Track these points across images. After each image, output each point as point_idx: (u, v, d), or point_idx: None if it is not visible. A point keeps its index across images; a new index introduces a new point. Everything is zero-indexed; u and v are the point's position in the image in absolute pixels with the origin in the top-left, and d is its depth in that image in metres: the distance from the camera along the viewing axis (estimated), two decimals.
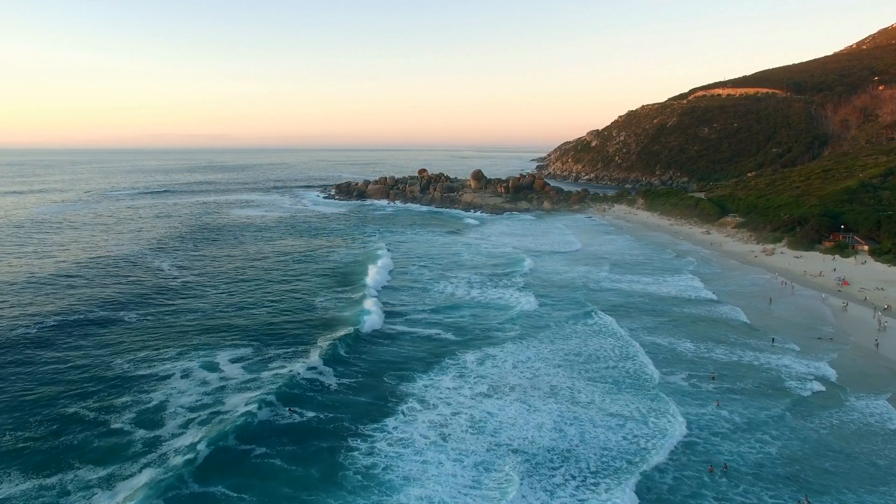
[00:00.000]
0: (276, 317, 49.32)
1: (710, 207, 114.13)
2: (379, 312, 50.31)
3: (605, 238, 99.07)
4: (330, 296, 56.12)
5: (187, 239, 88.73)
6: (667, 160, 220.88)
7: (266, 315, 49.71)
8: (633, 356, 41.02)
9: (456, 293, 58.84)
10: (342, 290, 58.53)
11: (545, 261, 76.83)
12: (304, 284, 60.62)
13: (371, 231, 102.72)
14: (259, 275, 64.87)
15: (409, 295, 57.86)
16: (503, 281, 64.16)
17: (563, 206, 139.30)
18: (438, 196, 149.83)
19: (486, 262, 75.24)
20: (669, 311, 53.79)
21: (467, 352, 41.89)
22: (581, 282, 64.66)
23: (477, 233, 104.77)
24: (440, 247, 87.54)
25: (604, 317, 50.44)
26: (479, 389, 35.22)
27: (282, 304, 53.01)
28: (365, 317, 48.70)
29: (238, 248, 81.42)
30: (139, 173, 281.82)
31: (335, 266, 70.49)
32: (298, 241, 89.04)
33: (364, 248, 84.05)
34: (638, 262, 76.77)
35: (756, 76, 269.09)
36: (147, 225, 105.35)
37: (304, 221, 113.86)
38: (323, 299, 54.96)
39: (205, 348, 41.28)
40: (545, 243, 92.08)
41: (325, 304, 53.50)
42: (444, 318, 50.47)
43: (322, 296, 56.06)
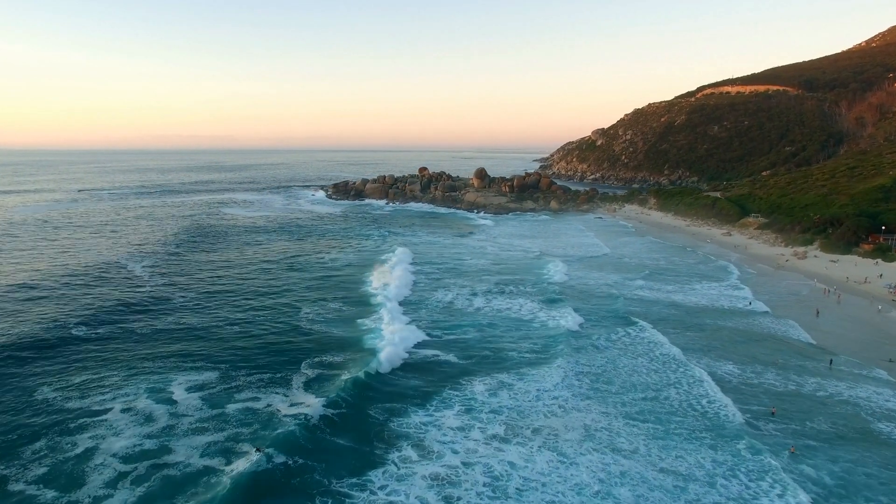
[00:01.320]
0: (251, 335, 42.11)
1: (729, 207, 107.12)
2: (380, 331, 43.19)
3: (624, 240, 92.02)
4: (316, 309, 48.72)
5: (166, 242, 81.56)
6: (675, 159, 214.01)
7: (239, 333, 42.35)
8: (693, 384, 34.02)
9: (473, 305, 51.06)
10: (330, 303, 51.38)
11: (574, 267, 68.56)
12: (287, 296, 53.05)
13: (368, 233, 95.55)
14: (238, 284, 57.43)
15: (417, 310, 49.85)
16: (531, 291, 56.14)
17: (570, 206, 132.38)
18: (440, 195, 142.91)
19: (504, 269, 67.21)
20: (710, 325, 46.80)
21: (476, 379, 34.85)
22: (617, 291, 56.89)
23: (486, 234, 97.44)
24: (448, 250, 79.66)
25: (651, 332, 43.31)
26: (492, 431, 28.23)
27: (259, 320, 45.72)
28: (374, 340, 41.62)
29: (220, 253, 74.04)
30: (134, 173, 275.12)
31: (324, 274, 63.12)
32: (287, 245, 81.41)
33: (360, 253, 76.91)
34: (669, 268, 69.57)
35: (766, 73, 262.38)
36: (128, 226, 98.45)
37: (294, 222, 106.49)
38: (308, 313, 47.63)
39: (159, 373, 34.28)
40: (568, 247, 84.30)
41: (309, 319, 46.08)
42: (460, 336, 43.16)
43: (307, 309, 48.72)
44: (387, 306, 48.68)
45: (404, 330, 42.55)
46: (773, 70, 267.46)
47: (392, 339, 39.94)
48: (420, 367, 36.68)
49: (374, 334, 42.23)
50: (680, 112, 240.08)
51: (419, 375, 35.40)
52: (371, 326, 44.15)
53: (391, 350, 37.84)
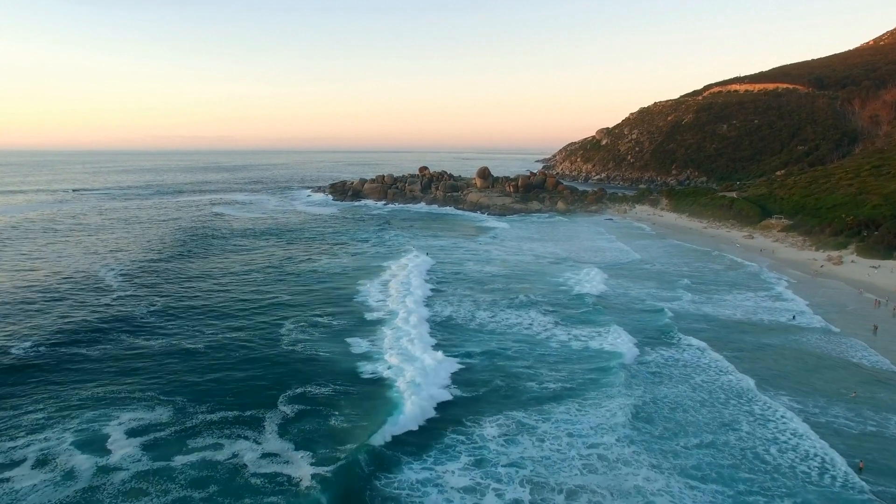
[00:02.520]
0: (219, 359, 35.63)
1: (749, 208, 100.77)
2: (381, 358, 36.79)
3: (642, 243, 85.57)
4: (301, 327, 42.21)
5: (146, 247, 75.16)
6: (683, 159, 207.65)
7: (206, 357, 35.86)
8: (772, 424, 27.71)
9: (487, 321, 44.53)
10: (318, 318, 44.92)
11: (607, 275, 61.12)
12: (268, 310, 46.25)
13: (364, 236, 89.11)
14: (213, 296, 50.66)
15: (424, 330, 43.35)
16: (558, 303, 49.27)
17: (578, 207, 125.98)
18: (441, 196, 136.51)
19: (523, 277, 60.27)
20: (751, 343, 40.44)
21: (487, 419, 28.45)
22: (660, 305, 49.72)
23: (494, 236, 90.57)
24: (454, 255, 72.80)
25: (712, 355, 37.00)
26: (511, 494, 21.81)
27: (232, 340, 39.19)
28: (368, 365, 35.25)
29: (200, 260, 67.12)
30: (130, 173, 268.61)
31: (313, 283, 56.38)
32: (274, 250, 74.63)
33: (354, 259, 70.49)
34: (695, 275, 62.97)
35: (774, 71, 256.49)
36: (110, 229, 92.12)
37: (285, 225, 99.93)
38: (291, 331, 41.11)
39: (98, 409, 27.96)
40: (590, 251, 77.46)
41: (292, 339, 39.55)
42: (467, 360, 36.73)
43: (290, 326, 42.20)
44: (388, 323, 42.35)
45: (421, 359, 35.51)
46: (781, 68, 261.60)
47: (413, 384, 31.45)
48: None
49: (372, 360, 35.76)
50: (687, 111, 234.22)
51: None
52: (366, 349, 37.65)
53: (413, 406, 28.92)
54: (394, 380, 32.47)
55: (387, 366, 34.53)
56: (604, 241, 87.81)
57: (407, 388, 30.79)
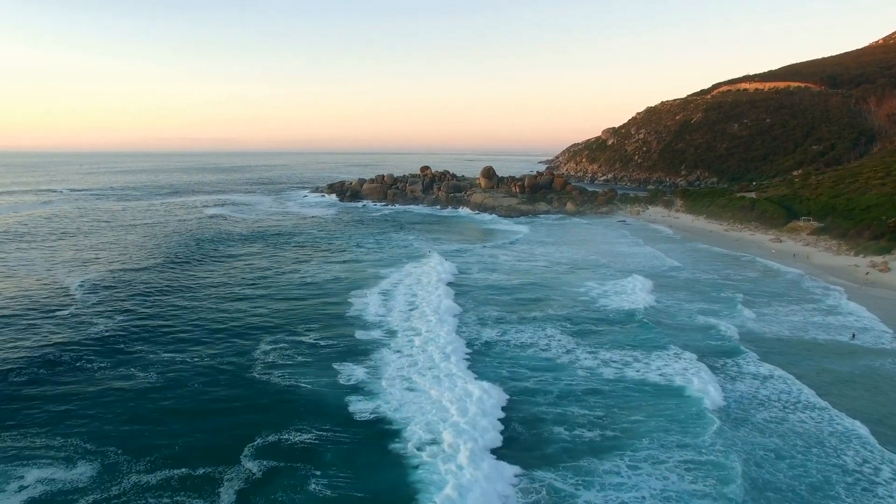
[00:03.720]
0: (170, 394, 29.12)
1: (773, 210, 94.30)
2: (381, 394, 30.40)
3: (666, 247, 79.02)
4: (280, 349, 35.81)
5: (123, 252, 68.99)
6: (693, 159, 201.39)
7: (157, 395, 29.14)
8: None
9: (513, 345, 37.75)
10: (302, 337, 38.46)
11: (654, 288, 52.65)
12: (243, 328, 39.55)
13: (361, 240, 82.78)
14: (181, 311, 43.86)
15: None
16: (612, 324, 41.31)
17: (588, 208, 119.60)
18: (444, 196, 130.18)
19: (547, 288, 52.57)
20: (812, 368, 34.00)
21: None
22: (714, 322, 42.43)
23: (504, 240, 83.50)
24: (462, 261, 65.67)
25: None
26: None
27: (191, 367, 32.56)
28: (362, 403, 28.89)
29: (177, 268, 60.37)
30: (126, 174, 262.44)
31: (301, 295, 49.90)
32: (259, 255, 68.04)
33: (348, 266, 64.15)
34: (729, 283, 56.46)
35: (785, 70, 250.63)
36: (90, 232, 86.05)
37: (276, 227, 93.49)
38: (268, 354, 34.66)
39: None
40: (622, 256, 70.19)
41: (267, 364, 33.02)
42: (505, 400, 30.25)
43: (267, 347, 35.72)
44: (389, 344, 35.93)
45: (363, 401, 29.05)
46: (792, 66, 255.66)
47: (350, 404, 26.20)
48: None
49: (369, 395, 29.33)
50: (696, 110, 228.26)
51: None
52: (360, 379, 31.16)
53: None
54: (400, 423, 25.94)
55: (390, 403, 28.05)
56: (627, 244, 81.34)
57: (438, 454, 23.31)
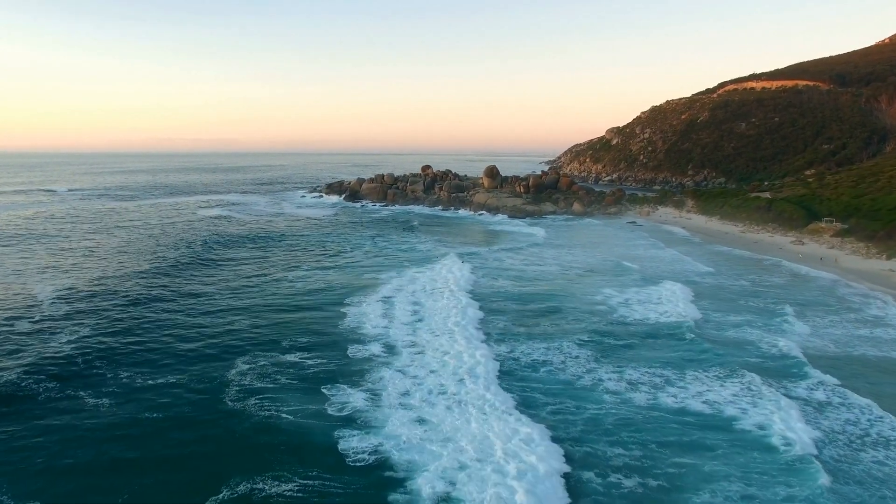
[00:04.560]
0: (120, 435, 24.18)
1: (791, 210, 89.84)
2: (384, 429, 25.63)
3: (684, 249, 74.72)
4: (259, 367, 31.08)
5: (102, 257, 64.53)
6: (699, 159, 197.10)
7: (102, 431, 24.18)
8: None
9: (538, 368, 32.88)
10: (286, 354, 33.81)
11: (692, 297, 47.60)
12: (219, 342, 34.67)
13: (358, 241, 78.34)
14: (153, 328, 38.32)
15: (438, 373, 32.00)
16: (655, 338, 36.30)
17: (595, 209, 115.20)
18: (445, 196, 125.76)
19: (576, 296, 47.56)
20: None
21: None
22: (774, 339, 36.95)
23: (515, 243, 78.31)
24: (473, 265, 60.78)
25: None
26: None
27: (150, 392, 27.82)
28: (356, 441, 24.31)
29: (157, 274, 55.05)
30: (121, 174, 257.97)
31: (287, 303, 45.18)
32: (246, 259, 63.06)
33: (344, 271, 59.66)
34: (758, 290, 51.90)
35: (792, 68, 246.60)
36: (70, 235, 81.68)
37: (268, 228, 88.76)
38: (244, 374, 29.99)
39: None
40: (651, 261, 65.11)
41: (242, 387, 28.24)
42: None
43: (244, 366, 31.12)
44: (390, 362, 31.40)
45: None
46: (799, 65, 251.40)
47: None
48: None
49: (366, 429, 24.68)
50: (702, 109, 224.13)
51: None
52: (356, 408, 26.49)
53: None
54: (406, 469, 21.30)
55: (393, 440, 23.39)
56: (644, 246, 76.96)
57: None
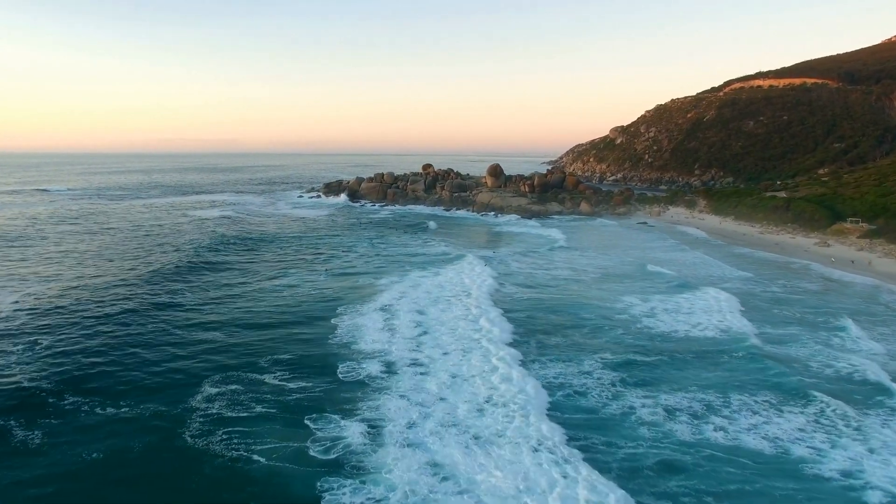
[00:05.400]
0: (45, 477, 19.80)
1: (812, 210, 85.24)
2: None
3: (707, 251, 70.23)
4: (231, 391, 26.13)
5: (76, 261, 59.96)
6: (706, 158, 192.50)
7: (29, 476, 20.03)
8: None
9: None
10: (266, 375, 29.02)
11: (746, 310, 42.41)
12: (184, 365, 29.53)
13: (354, 243, 73.75)
14: (115, 345, 33.23)
15: (451, 406, 26.40)
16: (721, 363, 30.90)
17: (604, 209, 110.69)
18: (447, 196, 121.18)
19: (613, 312, 42.23)
20: None
21: None
22: (849, 359, 31.99)
23: (526, 245, 73.37)
24: (476, 275, 56.25)
25: None
26: None
27: (97, 431, 22.99)
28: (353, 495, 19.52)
29: (132, 283, 49.81)
30: (117, 174, 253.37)
31: (272, 313, 40.35)
32: (232, 265, 57.61)
33: (337, 278, 55.04)
34: (795, 298, 47.40)
35: (800, 66, 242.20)
36: (49, 238, 77.16)
37: (259, 229, 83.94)
38: (213, 399, 25.06)
39: None
40: (671, 264, 60.48)
41: (209, 416, 23.31)
42: None
43: (213, 388, 26.15)
44: (391, 386, 26.72)
45: None
46: (807, 62, 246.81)
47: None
48: None
49: (361, 476, 19.84)
50: (709, 107, 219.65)
51: None
52: (346, 447, 21.66)
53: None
54: None
55: (397, 494, 18.59)
56: (663, 248, 72.62)
57: None
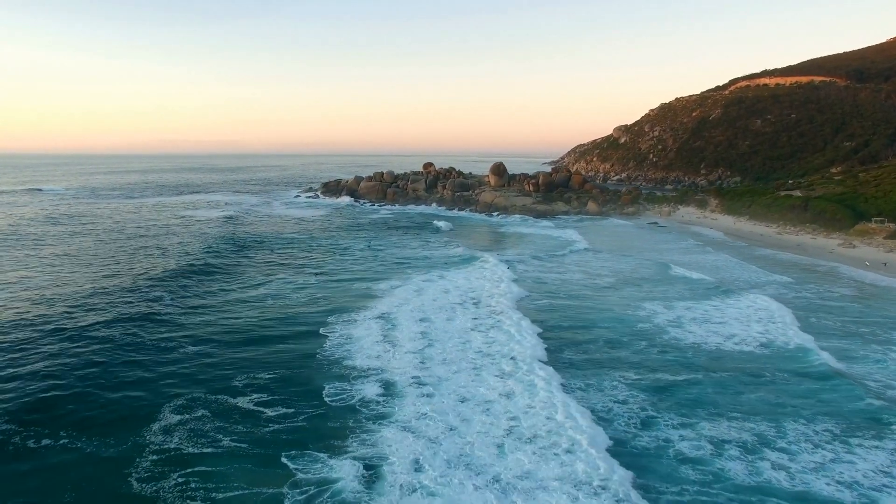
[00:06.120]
0: None
1: (834, 210, 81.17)
2: None
3: (732, 252, 66.08)
4: (195, 423, 21.37)
5: (51, 263, 55.93)
6: (713, 157, 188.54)
7: None
8: None
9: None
10: (238, 399, 24.17)
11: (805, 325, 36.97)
12: (141, 398, 24.32)
13: (349, 245, 69.63)
14: (66, 367, 28.35)
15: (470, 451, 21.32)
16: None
17: (611, 209, 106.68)
18: (449, 195, 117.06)
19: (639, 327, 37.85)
20: None
21: None
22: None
23: (535, 248, 68.89)
24: (482, 280, 51.15)
25: None
26: None
27: (37, 463, 19.32)
28: None
29: (108, 290, 45.92)
30: (115, 174, 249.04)
31: (252, 327, 35.74)
32: (213, 270, 51.58)
33: (330, 285, 50.94)
34: (834, 305, 43.14)
35: (807, 64, 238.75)
36: (24, 236, 73.29)
37: (248, 232, 78.66)
38: (172, 431, 19.99)
39: None
40: (699, 268, 55.63)
41: (155, 467, 18.63)
42: None
43: (174, 416, 21.25)
44: (394, 412, 22.57)
45: None
46: (814, 60, 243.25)
47: None
48: None
49: None
50: (714, 105, 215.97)
51: None
52: (335, 494, 17.51)
53: None
54: None
55: None
56: (680, 250, 68.43)
57: None
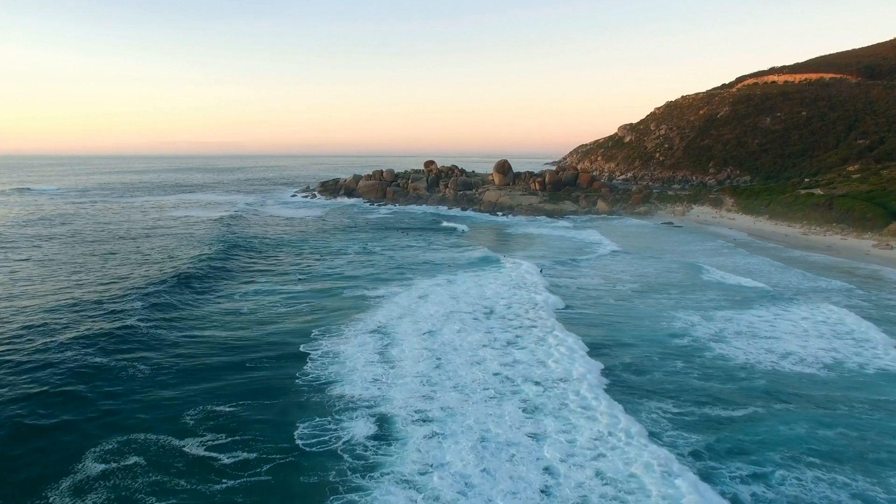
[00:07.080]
0: None
1: (863, 209, 76.03)
2: None
3: (770, 256, 61.10)
4: (116, 480, 16.34)
5: (18, 267, 51.18)
6: (721, 155, 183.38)
7: None
8: None
9: None
10: (178, 463, 17.51)
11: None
12: (66, 442, 19.40)
13: (344, 247, 64.53)
14: (22, 373, 25.16)
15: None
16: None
17: (621, 208, 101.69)
18: (451, 194, 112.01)
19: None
20: None
21: None
22: None
23: (548, 249, 64.19)
24: (482, 286, 46.90)
25: None
26: None
27: None
28: None
29: (73, 301, 41.31)
30: (112, 174, 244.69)
31: (221, 344, 30.52)
32: (189, 278, 45.58)
33: (322, 294, 45.80)
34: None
35: (816, 61, 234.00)
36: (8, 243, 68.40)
37: (237, 233, 73.22)
38: (87, 498, 16.00)
39: None
40: (752, 275, 50.82)
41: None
42: None
43: (98, 470, 16.02)
44: (395, 461, 17.57)
45: None
46: (823, 57, 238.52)
47: None
48: None
49: None
50: (722, 103, 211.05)
51: None
52: None
53: None
54: None
55: None
56: (707, 252, 63.22)
57: None
